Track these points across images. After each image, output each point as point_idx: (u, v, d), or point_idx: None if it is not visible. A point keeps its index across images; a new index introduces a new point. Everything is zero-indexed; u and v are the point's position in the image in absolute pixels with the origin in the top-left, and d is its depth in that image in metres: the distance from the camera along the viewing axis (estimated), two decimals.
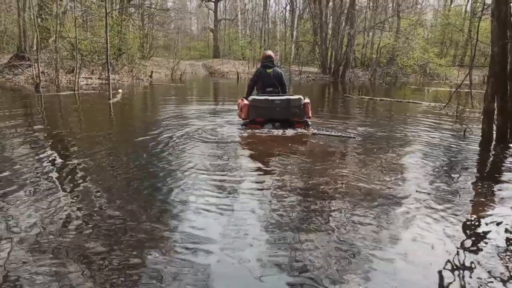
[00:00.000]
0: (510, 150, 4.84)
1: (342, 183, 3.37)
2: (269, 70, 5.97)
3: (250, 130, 5.66)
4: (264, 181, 3.46)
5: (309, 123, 5.86)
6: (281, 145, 4.92)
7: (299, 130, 5.68)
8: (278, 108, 5.56)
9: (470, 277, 1.97)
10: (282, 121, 5.68)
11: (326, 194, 3.09)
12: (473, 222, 2.66)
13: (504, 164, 4.31)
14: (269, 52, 6.32)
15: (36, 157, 4.09)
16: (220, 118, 7.17)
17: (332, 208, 2.81)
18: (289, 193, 3.11)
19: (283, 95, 5.81)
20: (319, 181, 3.42)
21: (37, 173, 3.52)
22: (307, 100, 5.72)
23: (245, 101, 5.71)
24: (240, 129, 5.79)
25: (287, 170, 3.78)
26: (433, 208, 2.83)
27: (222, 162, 4.08)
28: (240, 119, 5.96)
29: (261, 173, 3.78)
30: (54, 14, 15.19)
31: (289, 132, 5.58)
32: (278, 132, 5.58)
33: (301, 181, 3.44)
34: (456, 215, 2.74)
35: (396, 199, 3.00)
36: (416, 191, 3.20)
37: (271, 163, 4.08)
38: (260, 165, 4.11)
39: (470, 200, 3.06)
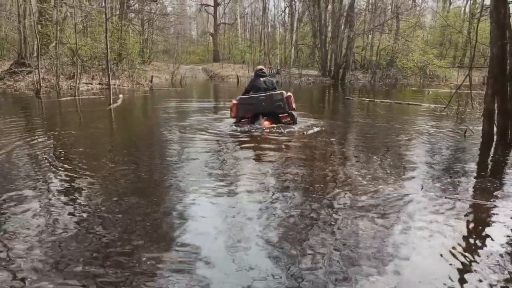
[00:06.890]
0: (511, 150, 4.83)
1: (342, 182, 3.37)
2: (262, 79, 6.61)
3: (245, 127, 6.05)
4: (264, 179, 3.46)
5: (295, 115, 6.29)
6: (279, 145, 4.93)
7: (285, 122, 6.19)
8: (263, 103, 6.13)
9: (471, 277, 1.96)
10: (268, 114, 6.19)
11: (327, 194, 3.09)
12: (474, 222, 2.66)
13: (505, 165, 4.31)
14: (260, 66, 7.34)
15: (36, 163, 4.09)
16: (219, 119, 7.29)
17: (334, 208, 2.81)
18: (288, 193, 3.11)
19: (267, 92, 6.35)
20: (319, 182, 3.42)
21: (39, 179, 3.53)
22: (289, 94, 6.25)
23: (234, 101, 6.24)
24: (233, 127, 6.21)
25: (287, 169, 3.79)
26: (435, 209, 2.83)
27: (220, 162, 4.09)
28: (233, 118, 6.43)
29: (261, 172, 3.77)
30: (54, 20, 15.26)
31: (279, 127, 6.03)
32: (275, 131, 5.85)
33: (301, 181, 3.44)
34: (458, 215, 2.74)
35: (398, 199, 3.00)
36: (417, 191, 3.19)
37: (270, 162, 4.08)
38: (259, 163, 4.11)
39: (472, 201, 3.05)
